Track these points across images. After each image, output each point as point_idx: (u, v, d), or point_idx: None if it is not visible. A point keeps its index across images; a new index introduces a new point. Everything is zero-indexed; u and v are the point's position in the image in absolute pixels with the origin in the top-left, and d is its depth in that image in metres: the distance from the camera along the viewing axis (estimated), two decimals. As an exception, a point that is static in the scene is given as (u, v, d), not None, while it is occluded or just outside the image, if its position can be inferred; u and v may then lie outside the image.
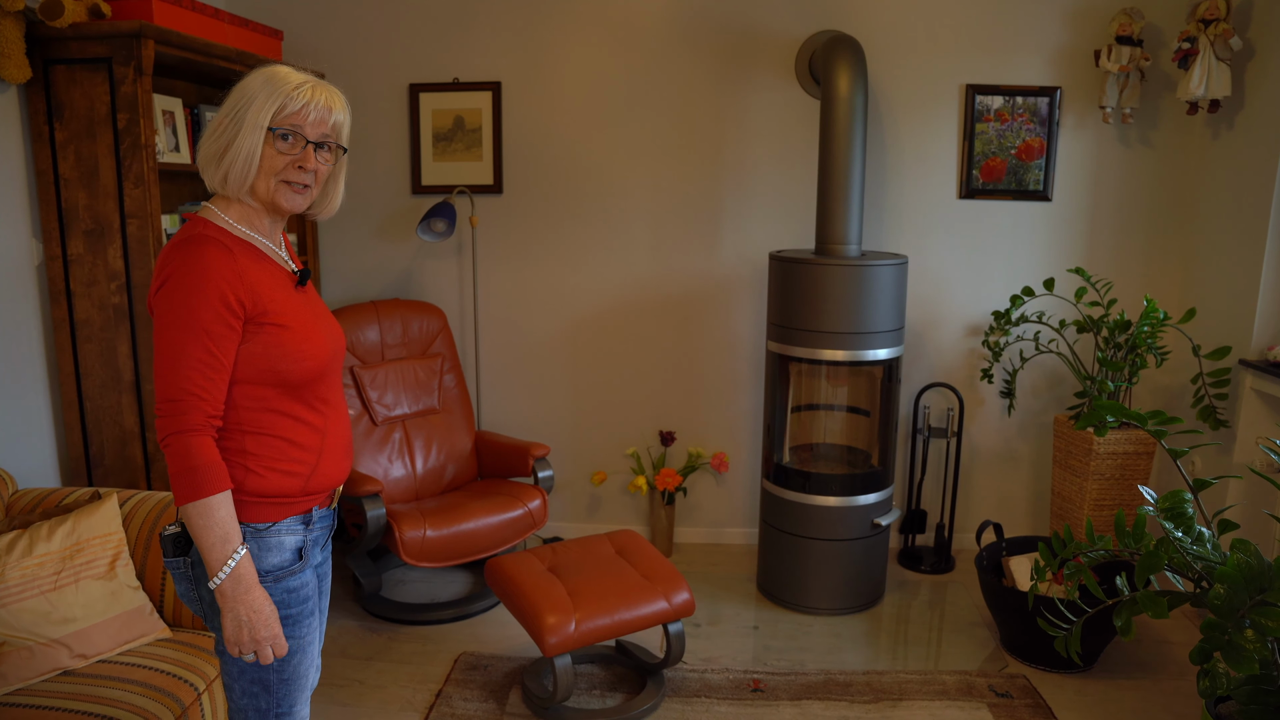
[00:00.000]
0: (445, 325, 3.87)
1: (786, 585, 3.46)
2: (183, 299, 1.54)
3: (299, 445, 1.69)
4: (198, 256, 1.55)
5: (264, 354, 1.62)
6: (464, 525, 3.30)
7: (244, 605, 1.59)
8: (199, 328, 1.54)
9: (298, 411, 1.69)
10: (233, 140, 1.59)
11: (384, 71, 3.85)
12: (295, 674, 1.74)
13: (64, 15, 2.62)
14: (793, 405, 3.52)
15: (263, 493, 1.66)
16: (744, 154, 3.77)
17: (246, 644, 1.61)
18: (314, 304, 1.79)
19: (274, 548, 1.68)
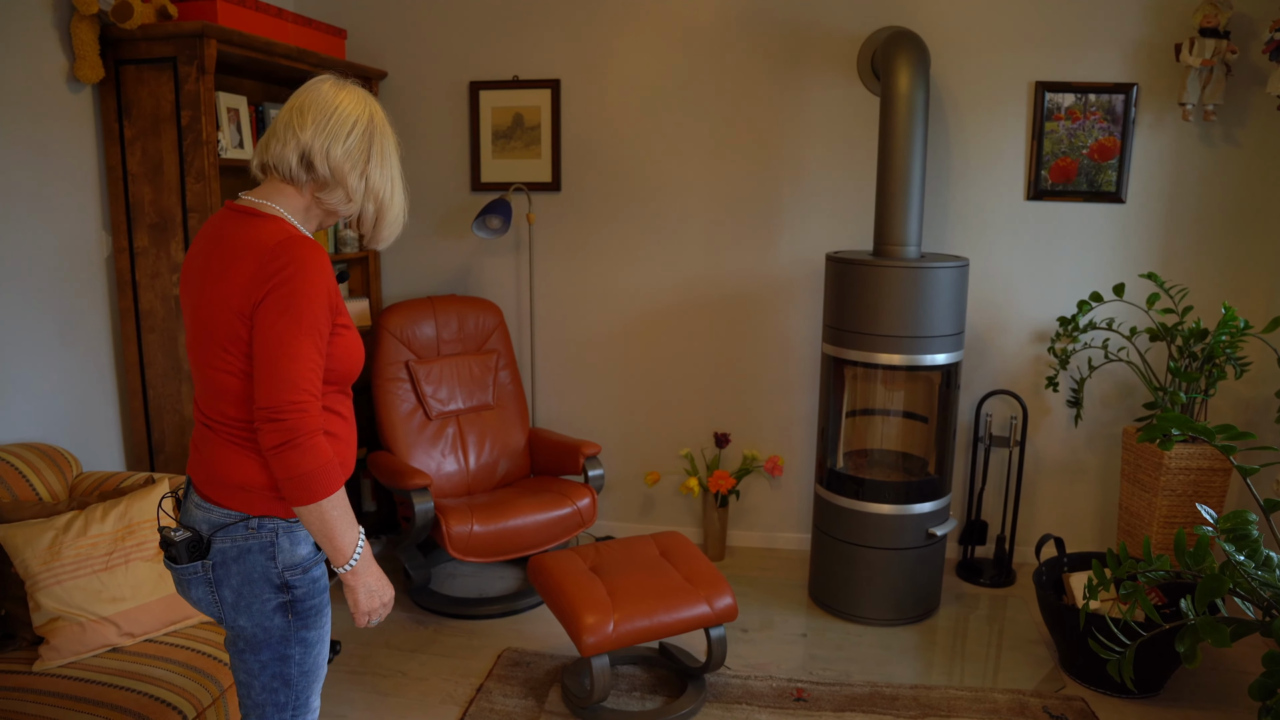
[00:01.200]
0: (501, 322, 3.89)
1: (838, 593, 3.39)
2: (303, 300, 1.55)
3: (337, 438, 1.71)
4: (311, 257, 1.58)
5: (334, 353, 1.66)
6: (511, 521, 3.32)
7: (372, 576, 1.69)
8: (314, 330, 1.57)
9: (337, 404, 1.73)
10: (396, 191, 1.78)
11: (445, 69, 3.89)
12: (315, 665, 1.77)
13: (134, 17, 2.71)
14: (848, 410, 3.44)
15: None
16: (802, 152, 3.70)
17: (377, 609, 1.72)
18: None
19: (302, 540, 1.71)
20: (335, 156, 1.66)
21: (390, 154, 1.78)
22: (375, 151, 1.73)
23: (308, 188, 1.69)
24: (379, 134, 1.75)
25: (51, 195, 2.74)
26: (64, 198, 2.79)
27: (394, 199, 1.80)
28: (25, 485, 2.44)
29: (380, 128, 1.75)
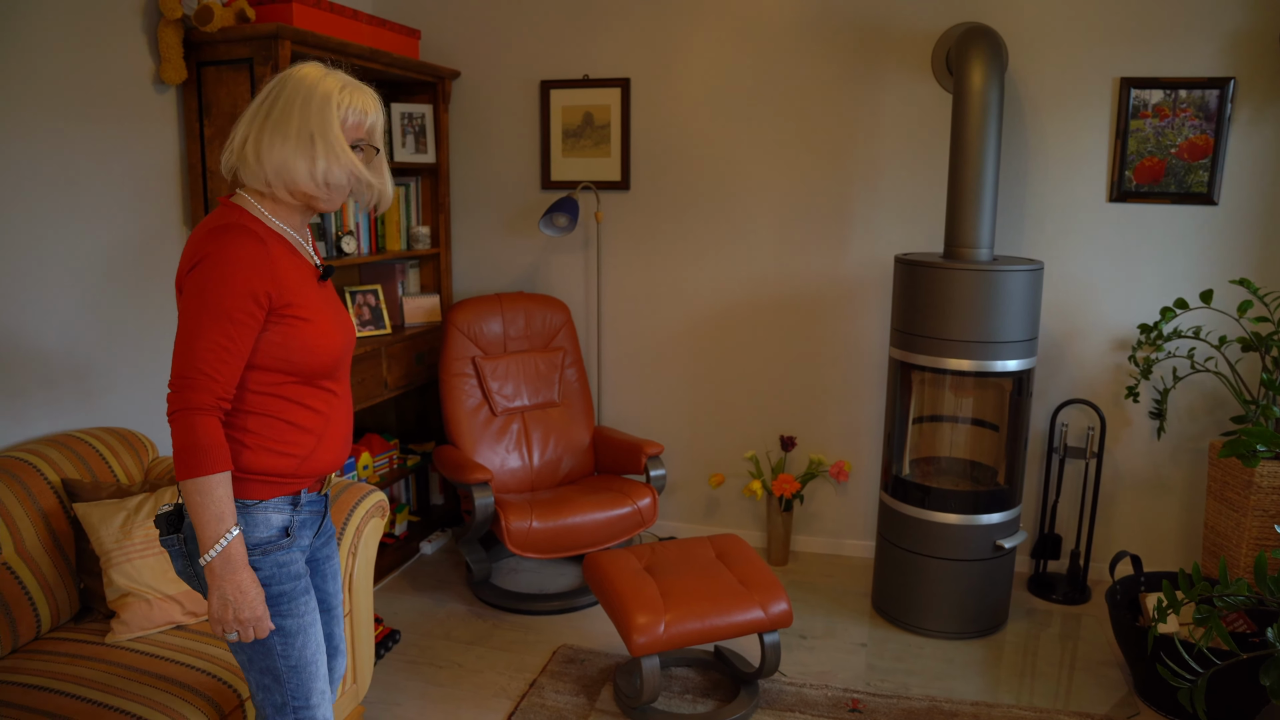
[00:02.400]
0: (569, 320, 3.91)
1: (901, 603, 3.30)
2: (212, 284, 1.57)
3: (300, 428, 1.73)
4: (232, 244, 1.59)
5: (282, 344, 1.66)
6: (570, 519, 3.33)
7: (230, 584, 1.61)
8: (222, 313, 1.57)
9: (304, 397, 1.73)
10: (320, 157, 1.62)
11: (516, 68, 3.93)
12: (303, 660, 1.75)
13: (214, 20, 2.81)
14: (915, 415, 3.35)
15: (254, 470, 1.69)
16: (874, 152, 3.62)
17: (230, 622, 1.63)
18: (331, 299, 1.83)
19: (260, 524, 1.71)
20: (239, 129, 1.66)
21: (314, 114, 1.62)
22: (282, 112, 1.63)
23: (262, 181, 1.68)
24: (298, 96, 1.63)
25: (137, 191, 2.86)
26: (149, 194, 2.90)
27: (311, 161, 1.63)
28: (105, 467, 2.55)
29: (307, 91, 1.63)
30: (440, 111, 3.92)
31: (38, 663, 2.14)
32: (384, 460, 3.84)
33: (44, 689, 2.02)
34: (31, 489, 2.32)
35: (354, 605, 2.56)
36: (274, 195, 1.68)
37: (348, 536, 2.52)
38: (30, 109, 2.51)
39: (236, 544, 1.62)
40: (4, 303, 2.48)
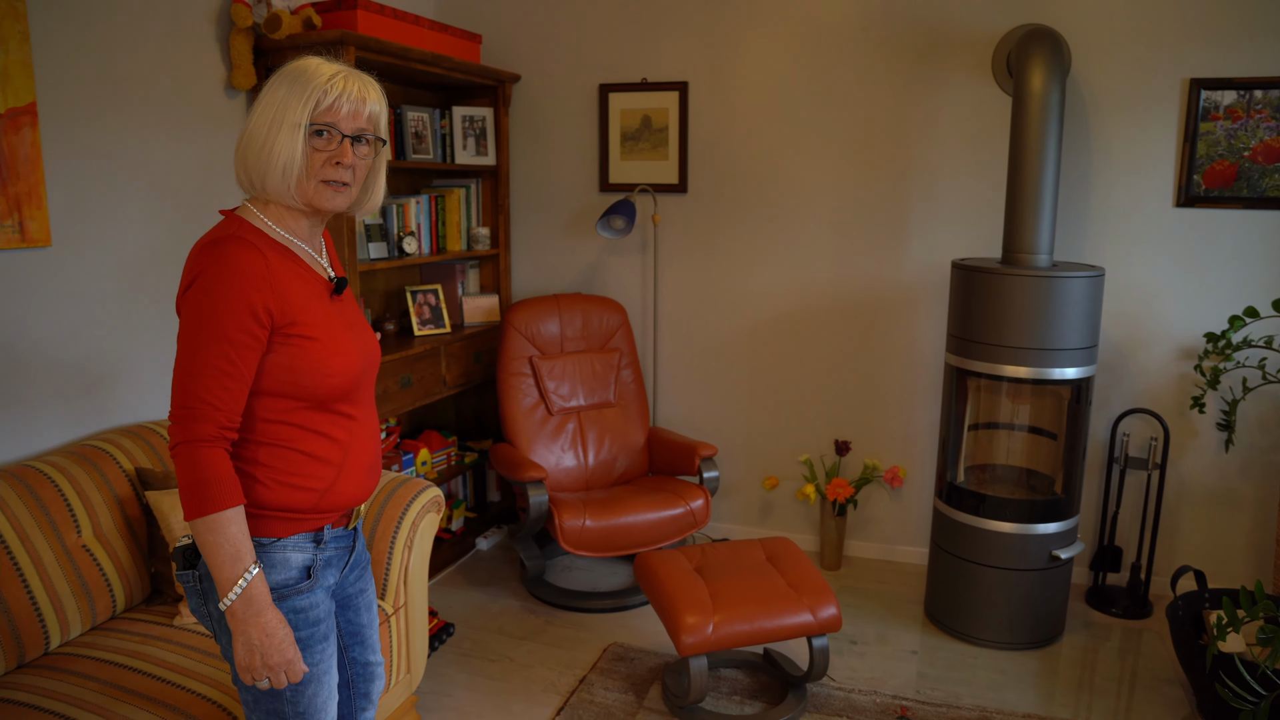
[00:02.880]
0: (625, 321, 3.95)
1: (953, 612, 3.26)
2: (208, 304, 1.45)
3: (317, 459, 1.60)
4: (227, 259, 1.47)
5: (289, 366, 1.53)
6: (623, 518, 3.36)
7: (255, 628, 1.49)
8: (220, 335, 1.45)
9: (320, 425, 1.60)
10: (271, 143, 1.51)
11: (576, 72, 3.98)
12: (311, 708, 1.63)
13: (282, 28, 2.91)
14: (970, 422, 3.31)
15: (269, 506, 1.56)
16: (933, 156, 3.59)
17: (259, 669, 1.50)
18: (348, 314, 1.68)
19: (278, 564, 1.58)
20: None
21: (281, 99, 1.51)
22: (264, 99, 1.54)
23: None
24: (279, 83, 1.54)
25: (210, 191, 2.97)
26: (220, 194, 3.01)
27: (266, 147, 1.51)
28: (175, 458, 2.65)
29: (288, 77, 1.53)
30: (501, 114, 3.99)
31: (113, 640, 2.25)
32: (442, 457, 3.92)
33: (118, 664, 2.13)
34: (108, 476, 2.43)
35: (409, 598, 2.63)
36: (275, 201, 1.57)
37: (403, 530, 2.58)
38: (117, 111, 2.64)
39: (258, 583, 1.49)
40: (89, 294, 2.60)
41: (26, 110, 2.45)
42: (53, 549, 2.26)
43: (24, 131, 2.45)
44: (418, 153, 3.69)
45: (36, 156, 2.48)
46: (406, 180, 3.94)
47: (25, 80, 2.45)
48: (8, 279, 2.42)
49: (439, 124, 3.83)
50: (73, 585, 2.28)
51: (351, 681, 1.86)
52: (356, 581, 1.82)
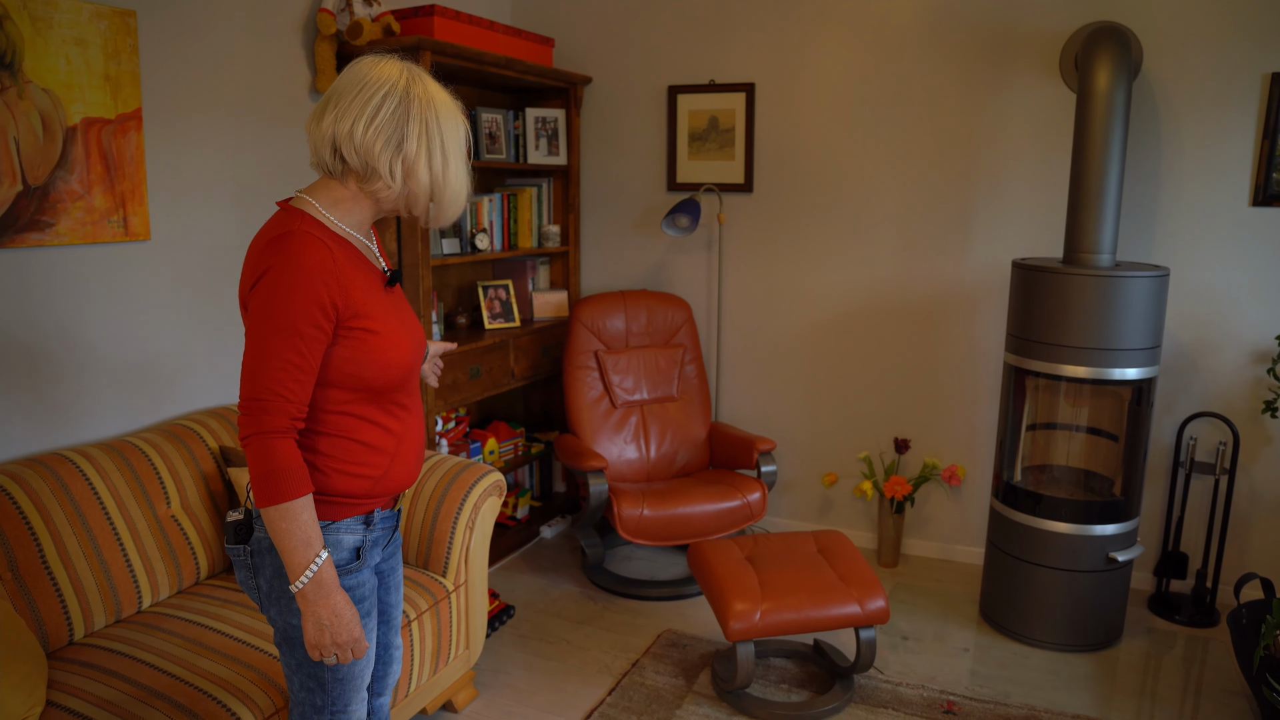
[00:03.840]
0: (690, 317, 4.03)
1: (1008, 611, 3.26)
2: (279, 298, 1.50)
3: (373, 449, 1.68)
4: (296, 254, 1.52)
5: (351, 358, 1.60)
6: (681, 509, 3.45)
7: (325, 609, 1.57)
8: (291, 329, 1.50)
9: (376, 416, 1.68)
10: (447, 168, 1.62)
11: (645, 74, 4.08)
12: (350, 674, 1.74)
13: (363, 34, 3.08)
14: (1029, 422, 3.29)
15: (328, 491, 1.64)
16: (998, 155, 3.58)
17: (328, 647, 1.59)
18: (400, 306, 1.75)
19: (331, 546, 1.66)
20: (361, 138, 1.56)
21: (436, 127, 1.61)
22: (413, 126, 1.59)
23: (349, 179, 1.62)
24: (417, 105, 1.59)
25: (294, 188, 3.16)
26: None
27: (446, 177, 1.64)
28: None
29: (420, 99, 1.59)
30: (572, 115, 4.11)
31: (197, 603, 2.44)
32: (509, 447, 4.06)
33: (201, 624, 2.32)
34: (195, 453, 2.63)
35: (469, 576, 2.77)
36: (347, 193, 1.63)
37: (465, 512, 2.72)
38: (212, 115, 2.86)
39: (327, 567, 1.57)
40: (183, 284, 2.81)
41: (133, 115, 2.67)
42: (146, 518, 2.47)
43: (130, 135, 2.67)
44: (491, 153, 3.84)
45: (140, 158, 2.69)
46: (481, 179, 4.10)
47: (133, 88, 2.66)
48: (113, 270, 2.64)
49: (512, 125, 3.97)
50: (162, 552, 2.48)
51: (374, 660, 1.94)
52: (389, 559, 1.92)
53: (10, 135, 2.38)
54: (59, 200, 2.50)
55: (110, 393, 2.65)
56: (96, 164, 2.59)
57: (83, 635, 2.30)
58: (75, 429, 2.58)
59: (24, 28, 2.39)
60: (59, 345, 2.52)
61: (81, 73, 2.53)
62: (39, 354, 2.48)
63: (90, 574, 2.32)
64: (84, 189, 2.56)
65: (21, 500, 2.24)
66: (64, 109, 2.50)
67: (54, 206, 2.49)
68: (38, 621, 2.21)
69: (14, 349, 2.42)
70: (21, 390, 2.44)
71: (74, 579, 2.28)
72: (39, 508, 2.26)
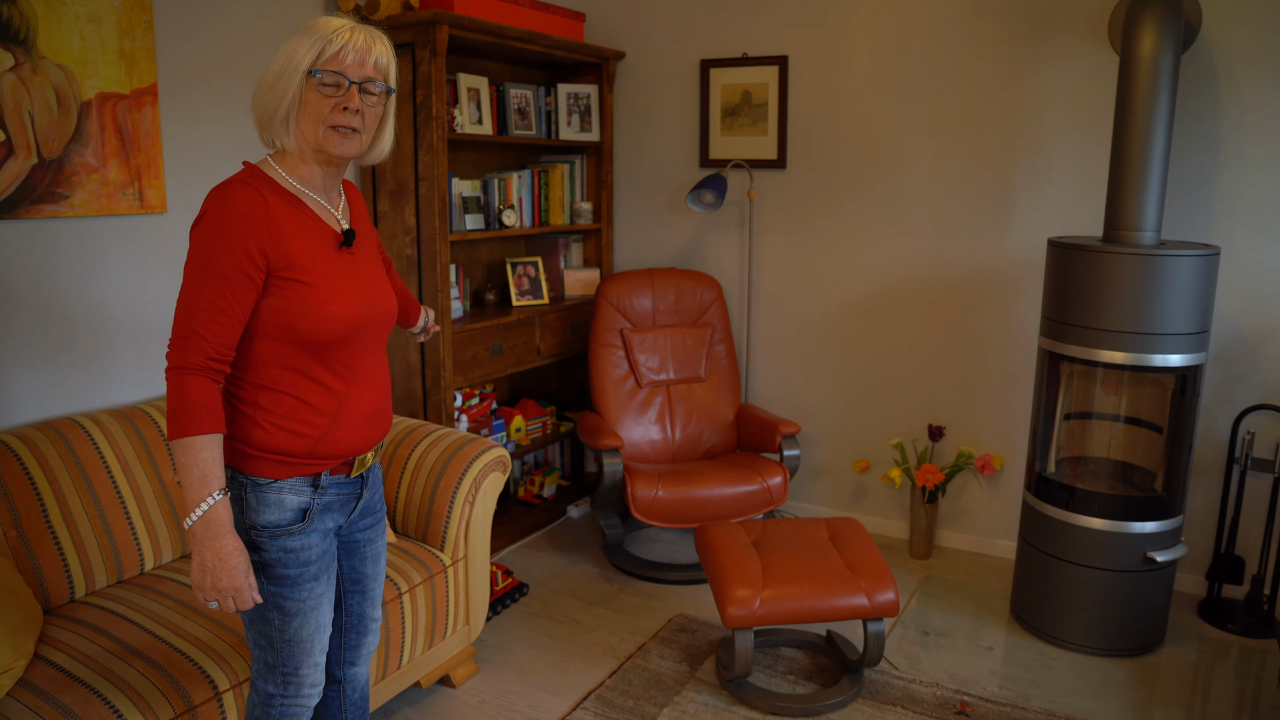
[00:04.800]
0: (720, 296, 3.94)
1: (1038, 610, 3.09)
2: (207, 242, 1.56)
3: (311, 407, 1.67)
4: (228, 201, 1.57)
5: (285, 309, 1.61)
6: (696, 491, 3.38)
7: (210, 551, 1.57)
8: (214, 271, 1.54)
9: (316, 373, 1.68)
10: (280, 90, 1.61)
11: (678, 48, 3.99)
12: (298, 636, 1.75)
13: (380, 9, 3.08)
14: (1065, 411, 3.11)
15: (266, 448, 1.65)
16: (1041, 128, 3.37)
17: (209, 590, 1.58)
18: (360, 267, 1.75)
19: (273, 504, 1.67)
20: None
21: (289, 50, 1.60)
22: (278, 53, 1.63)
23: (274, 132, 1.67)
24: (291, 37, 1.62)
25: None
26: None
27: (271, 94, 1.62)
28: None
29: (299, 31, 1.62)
30: (605, 91, 4.06)
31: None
32: (537, 425, 4.05)
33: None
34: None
35: (469, 551, 2.76)
36: (293, 153, 1.67)
37: (464, 486, 2.71)
38: (228, 90, 2.89)
39: (219, 509, 1.57)
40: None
41: (148, 90, 2.72)
42: (151, 483, 2.52)
43: (146, 109, 2.73)
44: (520, 128, 3.81)
45: (156, 132, 2.75)
46: (513, 155, 4.08)
47: (148, 64, 2.72)
48: (129, 241, 2.70)
49: (544, 101, 3.94)
50: (166, 516, 2.54)
51: (345, 629, 1.96)
52: (366, 530, 1.91)
53: (25, 109, 2.46)
54: (74, 173, 2.57)
55: (125, 361, 2.72)
56: (112, 138, 2.65)
57: (84, 593, 2.37)
58: (90, 396, 2.66)
59: (37, 5, 2.45)
60: (75, 314, 2.60)
61: (95, 48, 2.59)
62: (56, 323, 2.56)
63: (93, 535, 2.39)
64: (99, 162, 2.63)
65: (29, 461, 2.32)
66: (78, 84, 2.56)
67: (69, 179, 2.56)
68: (39, 578, 2.28)
69: (31, 317, 2.50)
70: (38, 358, 2.52)
71: (76, 539, 2.35)
72: (45, 469, 2.33)
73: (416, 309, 2.24)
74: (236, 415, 1.66)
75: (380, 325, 1.78)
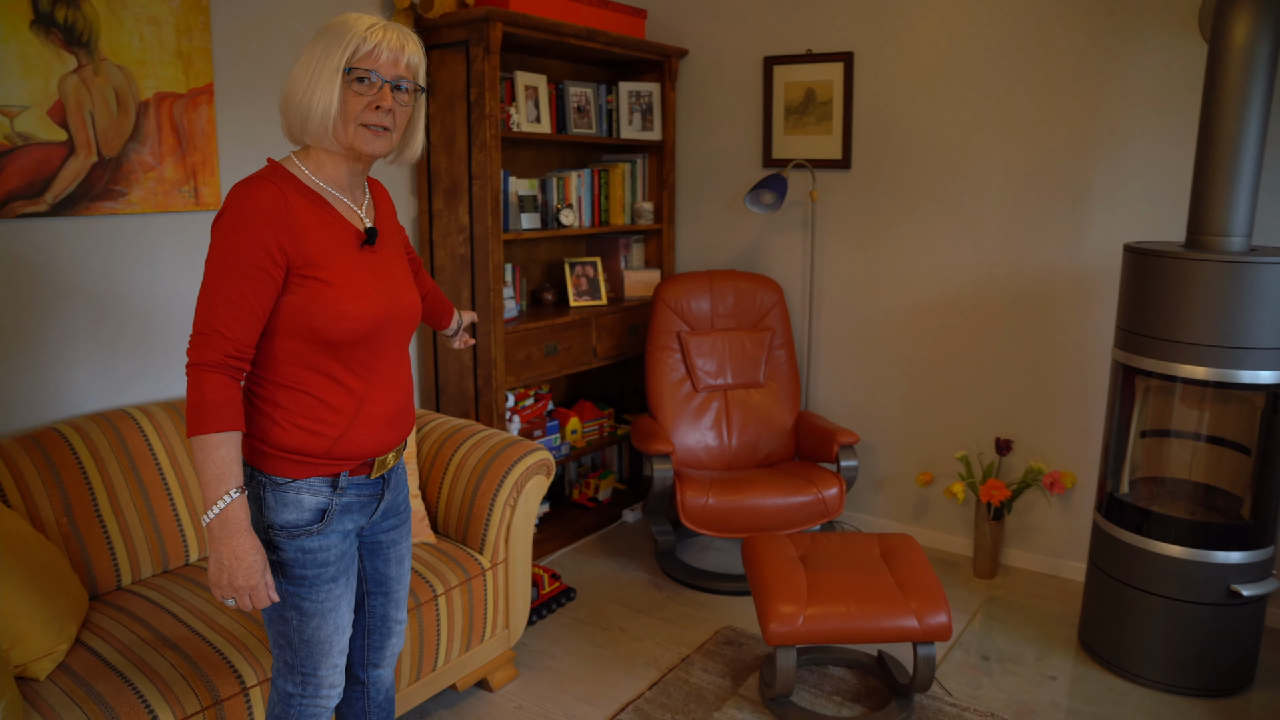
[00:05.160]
0: (781, 300, 3.83)
1: (1109, 640, 2.90)
2: (227, 237, 1.55)
3: (330, 406, 1.66)
4: (249, 196, 1.56)
5: (304, 308, 1.60)
6: (748, 500, 3.28)
7: (227, 549, 1.56)
8: (233, 268, 1.54)
9: (335, 372, 1.66)
10: (312, 90, 1.58)
11: (741, 45, 3.89)
12: (316, 637, 1.73)
13: (435, 7, 3.08)
14: (1140, 428, 2.90)
15: (284, 447, 1.64)
16: (1120, 126, 3.16)
17: (225, 588, 1.58)
18: (384, 266, 1.74)
19: (291, 504, 1.66)
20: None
21: (322, 50, 1.59)
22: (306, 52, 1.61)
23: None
24: (321, 36, 1.60)
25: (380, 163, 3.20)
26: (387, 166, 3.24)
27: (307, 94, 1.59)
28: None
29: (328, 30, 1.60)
30: (667, 90, 3.99)
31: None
32: (594, 427, 4.01)
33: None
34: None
35: (509, 555, 2.72)
36: (316, 147, 1.65)
37: (505, 489, 2.68)
38: (279, 92, 2.91)
39: (236, 507, 1.56)
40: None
41: (204, 90, 2.77)
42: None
43: (202, 109, 2.77)
44: (579, 127, 3.77)
45: (211, 131, 2.80)
46: (574, 154, 4.05)
47: (204, 64, 2.77)
48: (184, 237, 2.76)
49: (604, 99, 3.89)
50: (210, 509, 2.58)
51: (367, 630, 1.94)
52: (390, 531, 1.89)
53: (86, 109, 2.52)
54: (131, 171, 2.63)
55: (177, 355, 2.77)
56: (168, 136, 2.70)
57: (130, 581, 2.42)
58: (143, 388, 2.72)
59: (99, 7, 2.51)
60: (130, 309, 2.65)
61: (154, 49, 2.64)
62: (112, 317, 2.62)
63: (140, 525, 2.43)
64: (156, 160, 2.68)
65: (81, 451, 2.37)
66: (137, 84, 2.62)
67: (126, 177, 2.62)
68: (87, 565, 2.33)
69: (89, 311, 2.57)
70: (94, 351, 2.59)
71: (124, 528, 2.40)
72: (96, 459, 2.39)
73: (449, 311, 2.21)
74: (255, 413, 1.66)
75: (402, 325, 1.76)
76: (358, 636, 1.95)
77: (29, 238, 2.44)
